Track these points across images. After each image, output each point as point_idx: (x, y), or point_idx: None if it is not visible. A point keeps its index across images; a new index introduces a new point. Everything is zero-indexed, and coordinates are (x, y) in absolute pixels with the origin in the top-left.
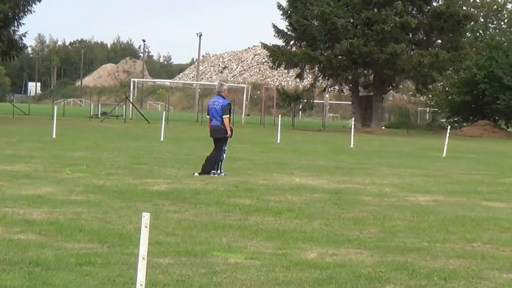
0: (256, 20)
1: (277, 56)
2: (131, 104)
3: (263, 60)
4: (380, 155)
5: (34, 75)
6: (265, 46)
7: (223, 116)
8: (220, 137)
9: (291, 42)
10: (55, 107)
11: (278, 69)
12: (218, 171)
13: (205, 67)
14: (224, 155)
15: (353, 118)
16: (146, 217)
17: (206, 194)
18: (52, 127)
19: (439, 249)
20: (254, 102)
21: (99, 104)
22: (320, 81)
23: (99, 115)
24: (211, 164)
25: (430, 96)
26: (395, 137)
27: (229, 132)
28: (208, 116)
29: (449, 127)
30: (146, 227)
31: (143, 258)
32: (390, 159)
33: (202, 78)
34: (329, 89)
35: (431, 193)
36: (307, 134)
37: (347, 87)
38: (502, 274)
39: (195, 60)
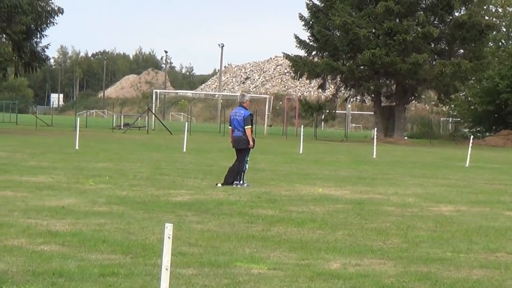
0: (278, 31)
1: (299, 66)
2: (153, 115)
3: (285, 71)
4: (403, 165)
5: (57, 86)
6: (287, 56)
7: (245, 127)
8: (242, 148)
9: (313, 53)
10: (78, 119)
11: (300, 79)
12: (241, 182)
13: (227, 77)
14: (247, 165)
15: (375, 128)
16: (169, 228)
17: (229, 205)
18: (75, 139)
19: (462, 259)
20: (276, 113)
21: (122, 115)
22: (342, 91)
23: (122, 126)
24: (234, 175)
25: (453, 106)
26: (417, 147)
27: (251, 143)
28: (230, 127)
29: (471, 137)
30: (169, 238)
31: (166, 269)
32: (412, 169)
33: (224, 89)
34: (351, 100)
35: (454, 203)
36: (329, 145)
37: (369, 97)
38: None
39: (217, 71)
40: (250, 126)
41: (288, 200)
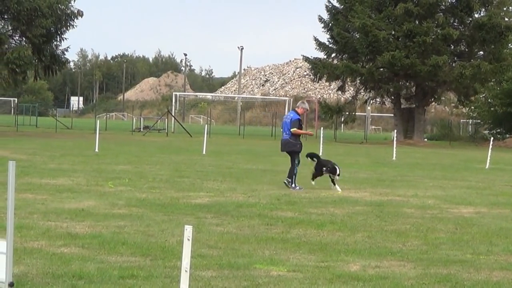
0: (297, 33)
1: (318, 68)
2: (173, 118)
3: (305, 73)
4: (423, 167)
5: (77, 89)
6: (306, 59)
7: (291, 129)
8: (290, 151)
9: (333, 55)
10: (98, 121)
11: (320, 81)
12: (293, 185)
13: (247, 80)
14: (297, 168)
15: (395, 130)
16: (188, 230)
17: (249, 207)
18: (94, 141)
19: (482, 261)
20: None
21: (141, 118)
22: (362, 93)
23: (141, 129)
24: (290, 176)
25: (473, 107)
26: (437, 149)
27: (308, 132)
28: (282, 129)
29: (491, 138)
30: (188, 240)
31: (186, 271)
32: (432, 171)
33: (244, 91)
34: (371, 102)
35: (474, 205)
36: (349, 147)
37: (388, 99)
38: None
39: (236, 73)
40: (296, 128)
41: (308, 202)
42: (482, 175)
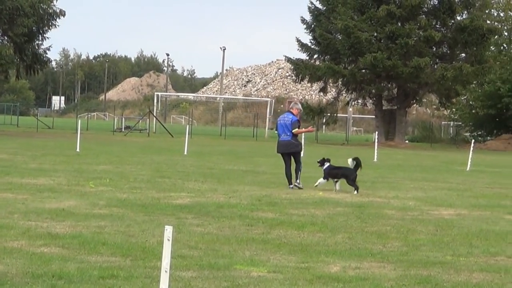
0: (279, 34)
1: (300, 69)
2: (154, 118)
3: (287, 74)
4: (404, 169)
5: (58, 89)
6: (288, 59)
7: (294, 130)
8: (293, 152)
9: (315, 56)
10: (79, 121)
11: (302, 82)
12: (298, 181)
13: (229, 81)
14: (301, 166)
15: (376, 132)
16: (169, 230)
17: (229, 208)
18: (76, 141)
19: (462, 263)
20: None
21: (123, 118)
22: (344, 95)
23: (123, 129)
24: (296, 175)
25: (454, 109)
26: (418, 151)
27: (310, 129)
28: (276, 132)
29: (473, 140)
30: (168, 240)
31: (166, 271)
32: (413, 173)
33: (226, 92)
34: (353, 103)
35: (455, 207)
36: (330, 148)
37: (370, 101)
38: None
39: (218, 74)
40: (297, 129)
41: (289, 203)
42: (463, 177)
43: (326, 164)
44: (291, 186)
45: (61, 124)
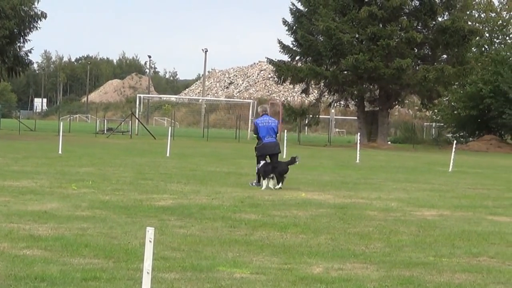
0: (261, 36)
1: (282, 71)
2: (137, 120)
3: (269, 76)
4: (386, 170)
5: (40, 91)
6: (270, 61)
7: (278, 133)
8: (277, 152)
9: (297, 58)
10: (61, 123)
11: (284, 84)
12: (262, 182)
13: (211, 82)
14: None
15: (358, 133)
16: (150, 232)
17: (212, 209)
18: (58, 143)
19: (445, 263)
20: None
21: (105, 120)
22: (326, 96)
23: (105, 131)
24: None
25: (436, 111)
26: (401, 152)
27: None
28: (255, 135)
29: (455, 142)
30: (150, 241)
31: (148, 273)
32: (396, 174)
33: (208, 94)
34: (335, 104)
35: (437, 207)
36: (313, 149)
37: (352, 102)
38: None
39: (201, 75)
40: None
41: (271, 205)
42: (445, 178)
43: (261, 163)
44: (257, 184)
45: (43, 126)
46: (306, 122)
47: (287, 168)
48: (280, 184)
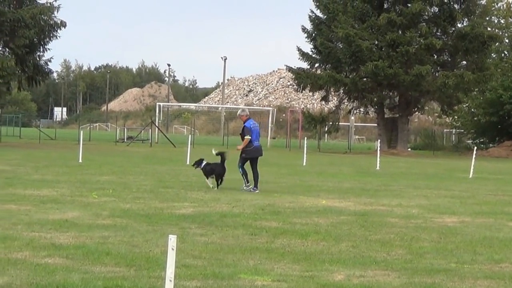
0: (280, 43)
1: (302, 79)
2: (157, 128)
3: (288, 83)
4: (406, 176)
5: (60, 100)
6: (290, 69)
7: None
8: (260, 155)
9: (316, 65)
10: (81, 132)
11: (303, 92)
12: (254, 187)
13: (230, 90)
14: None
15: (378, 140)
16: (172, 240)
17: (233, 217)
18: (78, 152)
19: (466, 270)
20: (280, 125)
21: (125, 129)
22: (345, 103)
23: (125, 140)
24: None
25: (456, 117)
26: (421, 158)
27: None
28: (248, 137)
29: (475, 148)
30: (172, 249)
31: (170, 281)
32: (416, 181)
33: (228, 102)
34: (355, 111)
35: (458, 214)
36: (333, 157)
37: (372, 109)
38: None
39: (220, 83)
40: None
41: (292, 212)
42: (466, 184)
43: (204, 163)
44: (254, 189)
45: (63, 135)
46: (326, 129)
47: (225, 169)
48: (219, 184)
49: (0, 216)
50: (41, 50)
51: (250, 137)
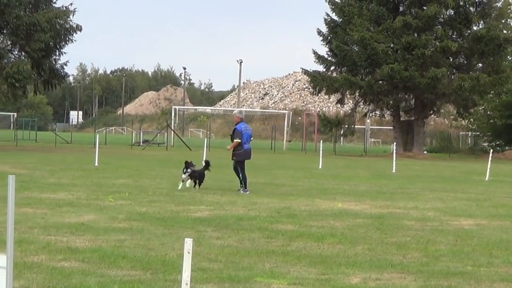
0: (296, 46)
1: (317, 81)
2: (172, 132)
3: (304, 86)
4: (422, 179)
5: (76, 103)
6: (305, 72)
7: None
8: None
9: (332, 68)
10: (97, 135)
11: (319, 94)
12: (246, 189)
13: (246, 93)
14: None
15: (394, 143)
16: (188, 243)
17: (249, 220)
18: (94, 155)
19: (483, 273)
20: (295, 128)
21: (141, 132)
22: (361, 106)
23: (141, 143)
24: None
25: (472, 120)
26: (437, 161)
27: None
28: (238, 140)
29: (491, 150)
30: (189, 252)
31: (186, 284)
32: (432, 184)
33: (243, 105)
34: (370, 114)
35: (474, 217)
36: (348, 160)
37: (388, 112)
38: None
39: (236, 87)
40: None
41: (308, 215)
42: (482, 187)
43: (191, 169)
44: (245, 190)
45: (79, 138)
46: (342, 132)
47: (204, 174)
48: (198, 187)
49: (16, 220)
50: (57, 53)
51: (240, 140)
